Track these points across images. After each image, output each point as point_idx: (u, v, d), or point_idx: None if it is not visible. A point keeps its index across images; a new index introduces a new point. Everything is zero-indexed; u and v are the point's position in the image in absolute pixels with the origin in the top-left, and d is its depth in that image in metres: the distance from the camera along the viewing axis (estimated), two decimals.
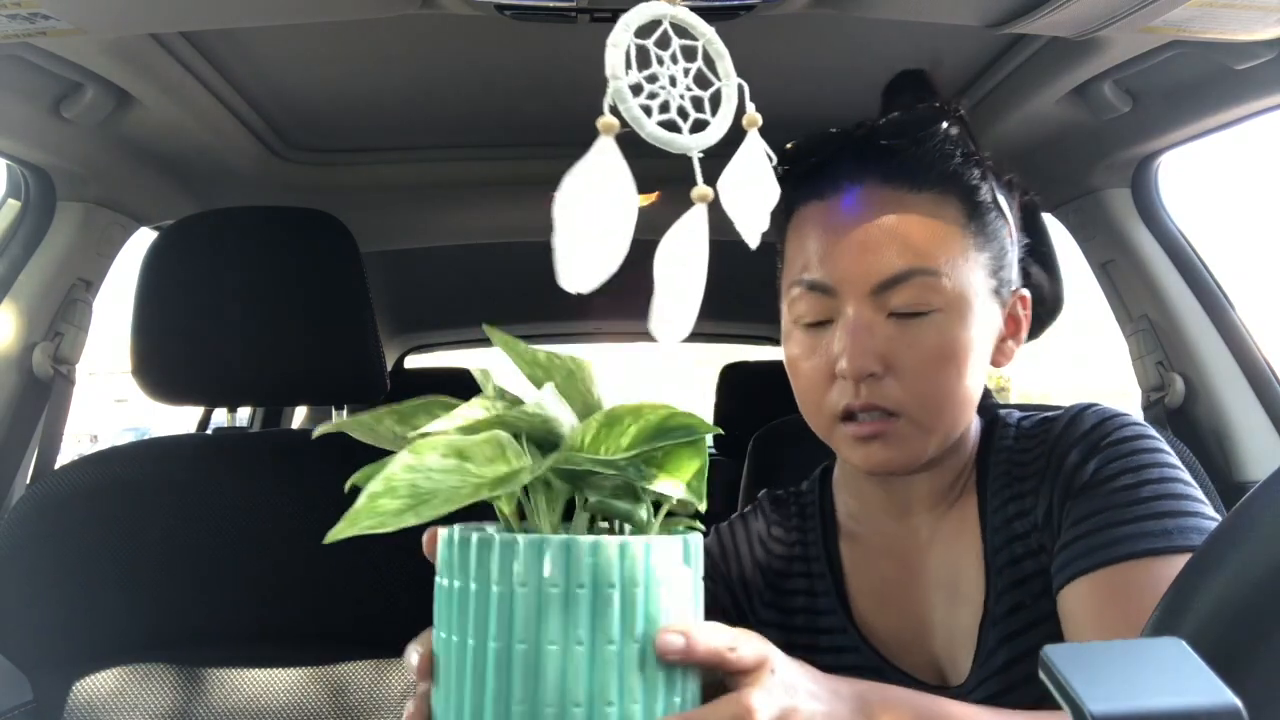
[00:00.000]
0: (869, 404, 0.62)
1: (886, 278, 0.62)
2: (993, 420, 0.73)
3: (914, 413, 0.62)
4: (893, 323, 0.62)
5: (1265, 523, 0.36)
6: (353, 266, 1.00)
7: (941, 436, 0.64)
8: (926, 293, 0.61)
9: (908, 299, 0.62)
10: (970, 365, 0.63)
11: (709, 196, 0.37)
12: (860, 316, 0.62)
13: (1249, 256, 45.66)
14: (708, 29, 0.38)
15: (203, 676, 0.91)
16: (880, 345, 0.61)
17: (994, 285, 0.65)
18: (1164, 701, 0.26)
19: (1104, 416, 0.65)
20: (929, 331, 0.62)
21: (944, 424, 0.64)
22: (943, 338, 0.62)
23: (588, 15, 0.78)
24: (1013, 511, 0.66)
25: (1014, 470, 0.68)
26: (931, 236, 0.63)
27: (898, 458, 0.63)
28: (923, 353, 0.61)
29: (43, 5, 0.69)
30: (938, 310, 0.62)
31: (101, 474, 0.96)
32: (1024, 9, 0.78)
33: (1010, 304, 0.68)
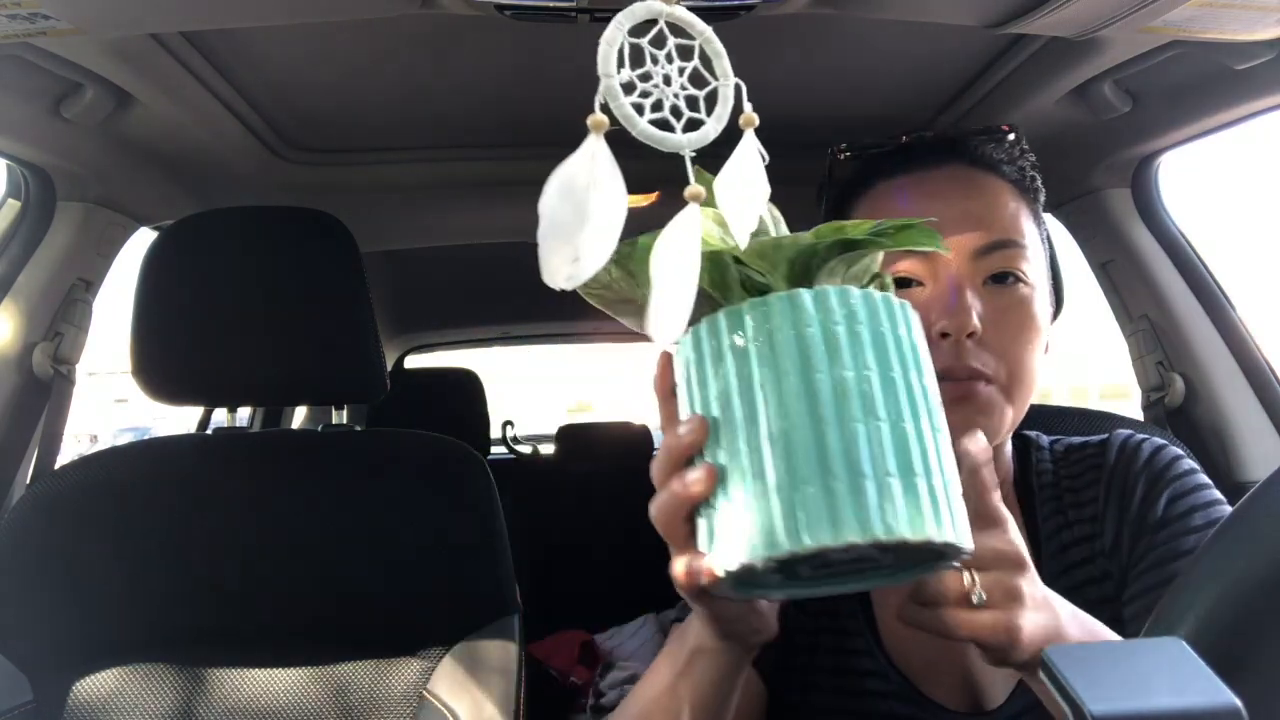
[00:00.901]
0: (968, 365, 0.63)
1: (987, 243, 0.65)
2: (1024, 440, 0.74)
3: (1003, 378, 0.64)
4: (986, 290, 0.65)
5: (1265, 523, 0.36)
6: (353, 266, 1.00)
7: (1018, 411, 0.66)
8: (1017, 260, 0.65)
9: (1002, 263, 0.65)
10: (1041, 342, 0.66)
11: (701, 196, 0.37)
12: (965, 277, 0.64)
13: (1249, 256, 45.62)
14: (705, 28, 0.38)
15: (203, 676, 0.91)
16: (979, 308, 0.63)
17: (1048, 277, 0.69)
18: (1164, 701, 0.26)
19: (1155, 448, 0.69)
20: (1017, 301, 0.65)
21: (1023, 396, 0.65)
22: (1027, 308, 0.65)
23: (588, 15, 0.78)
24: (1069, 538, 0.68)
25: (1065, 496, 0.70)
26: (1017, 215, 0.67)
27: (991, 427, 0.64)
28: (1014, 319, 0.64)
29: (43, 5, 0.69)
30: (1024, 282, 0.65)
31: (102, 474, 0.96)
32: (1024, 9, 0.78)
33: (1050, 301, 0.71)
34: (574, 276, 0.36)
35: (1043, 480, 0.71)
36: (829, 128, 1.35)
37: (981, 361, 0.63)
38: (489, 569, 0.97)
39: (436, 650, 0.93)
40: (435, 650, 0.93)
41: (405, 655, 0.93)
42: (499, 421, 2.77)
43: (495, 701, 0.90)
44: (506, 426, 2.85)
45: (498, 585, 0.97)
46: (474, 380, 2.53)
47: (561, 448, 2.82)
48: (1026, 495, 0.71)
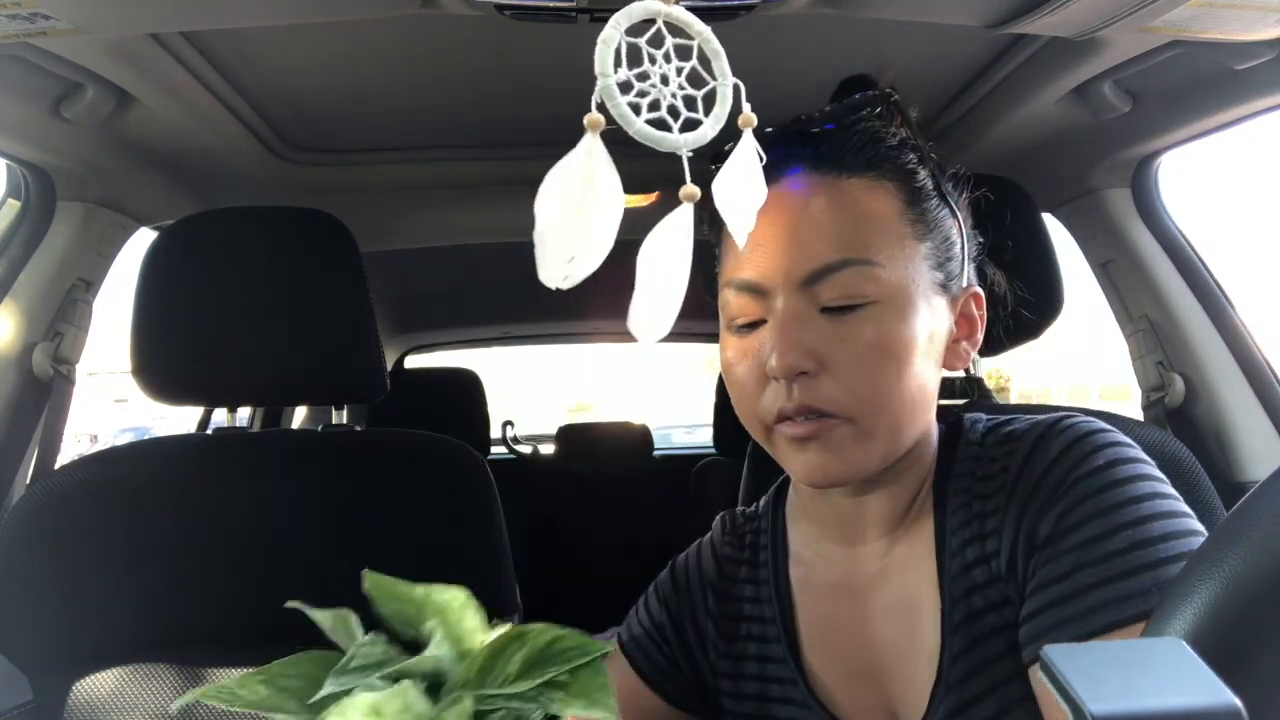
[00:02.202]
0: (802, 405, 0.57)
1: (816, 268, 0.58)
2: (955, 427, 0.67)
3: (852, 413, 0.57)
4: (826, 318, 0.58)
5: (1265, 523, 0.36)
6: (353, 266, 1.00)
7: (885, 443, 0.59)
8: (860, 283, 0.57)
9: (840, 291, 0.57)
10: (913, 363, 0.58)
11: (696, 196, 0.37)
12: (790, 311, 0.58)
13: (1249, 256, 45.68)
14: (704, 28, 0.38)
15: (203, 676, 0.91)
16: (812, 340, 0.57)
17: (939, 279, 0.61)
18: (1164, 701, 0.26)
19: (1071, 440, 0.58)
20: (864, 325, 0.57)
21: (886, 427, 0.58)
22: (879, 331, 0.57)
23: (588, 15, 0.78)
24: (972, 557, 0.60)
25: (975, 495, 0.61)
26: (863, 223, 0.59)
27: (838, 465, 0.59)
28: (858, 347, 0.57)
29: (43, 5, 0.69)
30: (873, 302, 0.57)
31: (101, 474, 0.96)
32: (1024, 9, 0.78)
33: (962, 303, 0.64)
34: (571, 276, 0.36)
35: (959, 483, 0.63)
36: None
37: (821, 399, 0.57)
38: (489, 569, 0.97)
39: None
40: None
41: None
42: (499, 421, 2.77)
43: None
44: (506, 426, 2.85)
45: (498, 585, 0.97)
46: (474, 380, 2.53)
47: (561, 448, 2.82)
48: (941, 496, 0.63)
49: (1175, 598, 0.37)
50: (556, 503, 2.66)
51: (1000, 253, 0.74)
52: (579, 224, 0.35)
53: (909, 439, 0.61)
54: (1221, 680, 0.27)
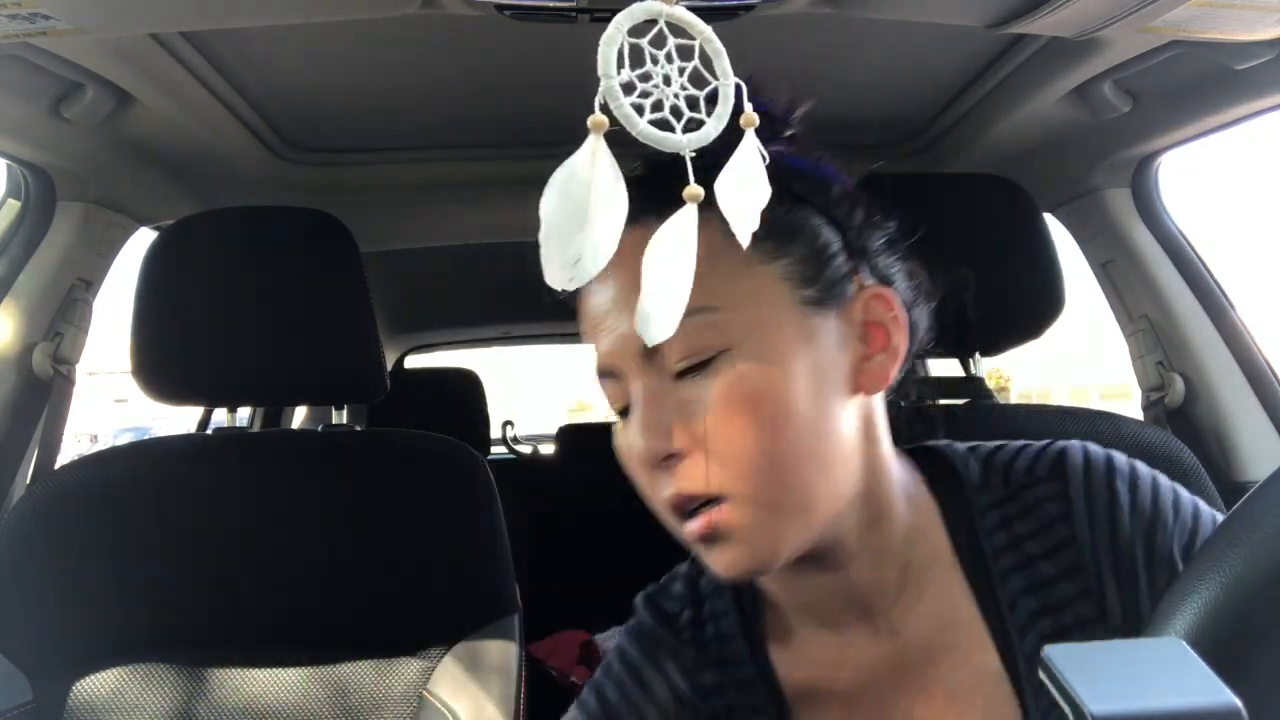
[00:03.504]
0: (680, 495, 0.49)
1: None
2: (943, 467, 0.58)
3: (737, 489, 0.49)
4: (683, 385, 0.50)
5: (1265, 523, 0.36)
6: (353, 266, 1.00)
7: (797, 512, 0.50)
8: (701, 335, 0.49)
9: (682, 350, 0.49)
10: (795, 409, 0.49)
11: (699, 196, 0.37)
12: (643, 390, 0.50)
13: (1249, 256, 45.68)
14: (705, 28, 0.38)
15: (203, 677, 0.91)
16: (670, 417, 0.49)
17: (812, 295, 0.52)
18: (1164, 701, 0.26)
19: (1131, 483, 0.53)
20: (720, 381, 0.49)
21: (786, 494, 0.49)
22: (738, 384, 0.48)
23: (588, 15, 0.78)
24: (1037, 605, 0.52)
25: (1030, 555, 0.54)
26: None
27: (747, 557, 0.50)
28: (720, 411, 0.48)
29: (43, 5, 0.69)
30: (724, 351, 0.49)
31: (101, 474, 0.96)
32: (1024, 9, 0.78)
33: (858, 311, 0.53)
34: (576, 277, 0.36)
35: (995, 542, 0.54)
36: (829, 128, 1.35)
37: (699, 481, 0.49)
38: (489, 569, 0.97)
39: (436, 650, 0.93)
40: (435, 650, 0.93)
41: (405, 655, 0.93)
42: (499, 421, 2.77)
43: (495, 701, 0.90)
44: (506, 426, 2.85)
45: (498, 585, 0.97)
46: (474, 380, 2.53)
47: (561, 448, 2.81)
48: (975, 564, 0.55)
49: (1175, 598, 0.37)
50: (556, 503, 2.66)
51: (1000, 253, 0.72)
52: (583, 225, 0.35)
53: (832, 498, 0.51)
54: (1221, 680, 0.27)
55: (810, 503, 0.50)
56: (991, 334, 1.04)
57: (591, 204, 0.35)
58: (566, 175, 0.35)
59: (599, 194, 0.35)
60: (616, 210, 0.36)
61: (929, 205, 1.09)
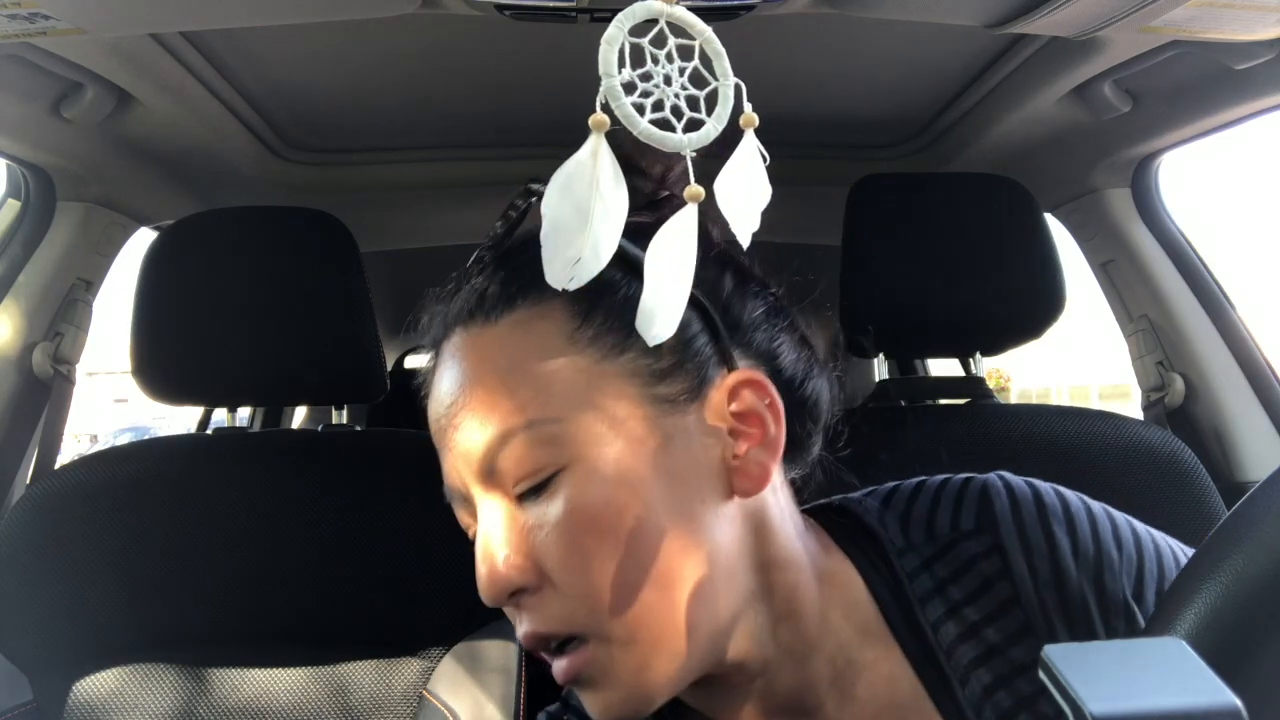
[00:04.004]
0: (536, 634, 0.44)
1: (479, 456, 0.44)
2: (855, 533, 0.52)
3: (596, 625, 0.43)
4: (527, 509, 0.44)
5: (1265, 523, 0.36)
6: (353, 266, 1.00)
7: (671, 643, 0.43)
8: (534, 452, 0.43)
9: (517, 470, 0.43)
10: (650, 527, 0.42)
11: (700, 196, 0.37)
12: (484, 515, 0.44)
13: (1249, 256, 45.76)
14: (705, 28, 0.38)
15: (203, 676, 0.91)
16: (514, 543, 0.43)
17: (661, 394, 0.45)
18: (1164, 701, 0.26)
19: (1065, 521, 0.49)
20: (560, 503, 0.43)
21: (649, 627, 0.43)
22: (580, 504, 0.42)
23: (588, 15, 0.78)
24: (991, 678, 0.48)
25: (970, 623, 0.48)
26: (512, 376, 0.44)
27: (628, 699, 0.43)
28: (561, 537, 0.42)
29: (43, 5, 0.69)
30: (563, 468, 0.43)
31: (101, 474, 0.96)
32: (1024, 9, 0.78)
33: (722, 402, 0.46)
34: (577, 277, 0.36)
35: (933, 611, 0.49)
36: (829, 128, 1.35)
37: (549, 619, 0.43)
38: None
39: (436, 650, 0.93)
40: (435, 650, 0.93)
41: (405, 655, 0.93)
42: None
43: (495, 701, 0.90)
44: None
45: None
46: None
47: None
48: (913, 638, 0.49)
49: (1175, 597, 0.37)
50: None
51: (1001, 252, 0.72)
52: (585, 225, 0.35)
53: (712, 619, 0.44)
54: (1221, 680, 0.27)
55: (688, 630, 0.43)
56: (991, 334, 1.04)
57: (593, 203, 0.35)
58: (568, 175, 0.35)
59: (600, 193, 0.35)
60: (618, 209, 0.36)
61: (929, 205, 1.09)
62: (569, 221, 0.35)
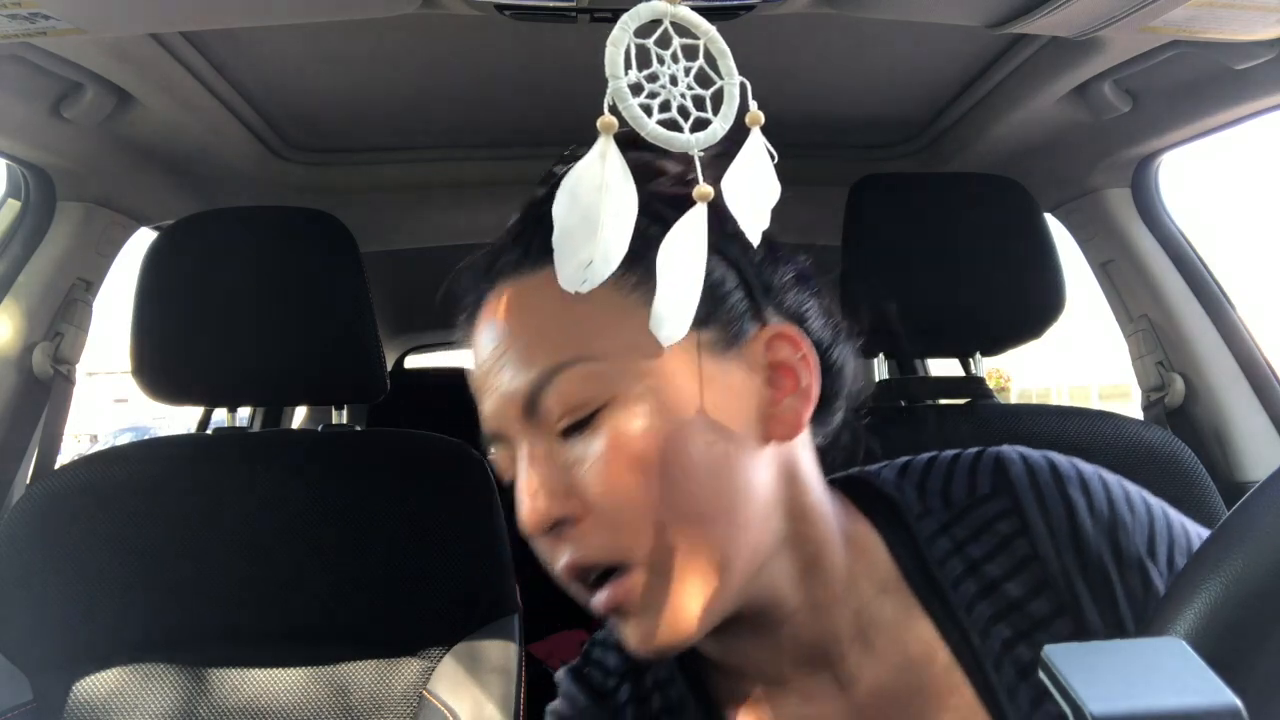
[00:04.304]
0: (577, 563, 0.45)
1: (524, 394, 0.46)
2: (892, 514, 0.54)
3: (640, 554, 0.44)
4: (570, 444, 0.46)
5: (1265, 523, 0.36)
6: (353, 266, 1.00)
7: (711, 575, 0.45)
8: (580, 388, 0.45)
9: (561, 406, 0.45)
10: (693, 462, 0.45)
11: (709, 195, 0.37)
12: (528, 450, 0.46)
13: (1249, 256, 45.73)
14: (710, 27, 0.38)
15: (203, 676, 0.91)
16: (555, 479, 0.45)
17: (703, 339, 0.47)
18: (1164, 701, 0.26)
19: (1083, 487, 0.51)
20: (605, 437, 0.44)
21: (694, 556, 0.45)
22: (625, 438, 0.44)
23: (588, 15, 0.78)
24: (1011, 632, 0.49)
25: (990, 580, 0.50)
26: (560, 316, 0.46)
27: (667, 629, 0.45)
28: (606, 468, 0.44)
29: (43, 5, 0.69)
30: (607, 404, 0.45)
31: (101, 474, 0.96)
32: (1024, 9, 0.78)
33: (760, 353, 0.49)
34: (589, 279, 0.36)
35: (951, 570, 0.50)
36: (829, 128, 1.36)
37: (590, 549, 0.45)
38: (489, 569, 0.97)
39: (436, 650, 0.93)
40: (435, 650, 0.94)
41: (405, 655, 0.93)
42: None
43: (495, 701, 0.90)
44: None
45: (497, 585, 0.97)
46: None
47: None
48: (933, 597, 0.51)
49: (1175, 597, 0.37)
50: None
51: (1001, 253, 0.72)
52: (595, 228, 0.35)
53: (750, 556, 0.47)
54: (1221, 680, 0.27)
55: (724, 564, 0.45)
56: (991, 334, 1.04)
57: (603, 206, 0.35)
58: (577, 178, 0.35)
59: (610, 195, 0.35)
60: (627, 211, 0.36)
61: (930, 205, 1.09)
62: (579, 225, 0.35)
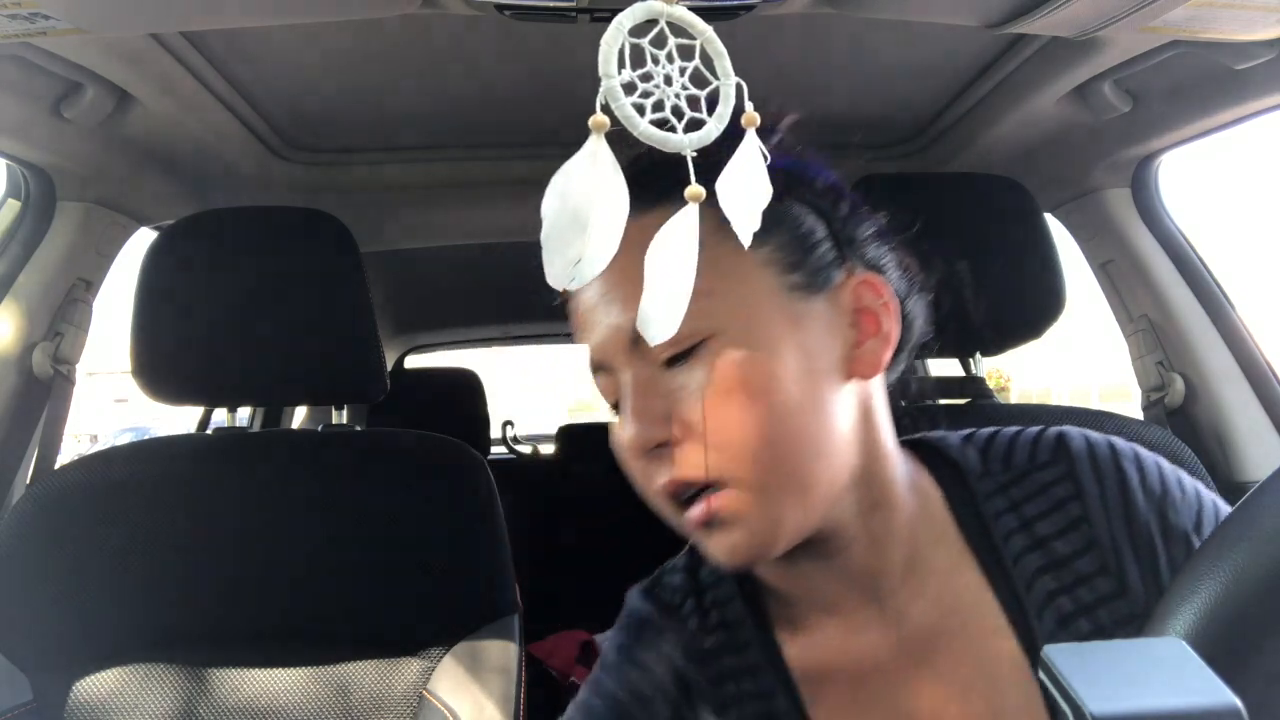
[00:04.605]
0: (675, 481, 0.50)
1: (631, 327, 0.50)
2: (938, 456, 0.59)
3: (732, 474, 0.49)
4: (673, 374, 0.50)
5: (1265, 523, 0.36)
6: (353, 266, 1.00)
7: (795, 496, 0.50)
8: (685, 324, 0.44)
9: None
10: (787, 391, 0.49)
11: (701, 196, 0.37)
12: (632, 378, 0.51)
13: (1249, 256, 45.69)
14: (706, 27, 0.38)
15: (203, 676, 0.91)
16: (660, 404, 0.50)
17: (798, 281, 0.52)
18: (1164, 701, 0.26)
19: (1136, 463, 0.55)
20: (708, 366, 0.49)
21: (782, 478, 0.49)
22: (726, 368, 0.49)
23: (588, 15, 0.78)
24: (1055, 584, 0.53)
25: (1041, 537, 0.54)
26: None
27: (747, 541, 0.50)
28: (710, 394, 0.49)
29: (42, 5, 0.69)
30: (711, 336, 0.49)
31: (101, 474, 0.96)
32: (1024, 9, 0.78)
33: (847, 298, 0.53)
34: (577, 278, 0.36)
35: (1004, 527, 0.55)
36: (829, 128, 1.35)
37: (693, 467, 0.49)
38: (489, 569, 0.97)
39: (436, 650, 0.93)
40: (435, 650, 0.94)
41: (405, 655, 0.93)
42: (499, 421, 2.77)
43: (495, 701, 0.90)
44: (506, 426, 2.85)
45: (498, 585, 0.97)
46: (474, 380, 2.53)
47: (562, 447, 2.81)
48: (985, 548, 0.55)
49: (1175, 597, 0.37)
50: (556, 503, 2.66)
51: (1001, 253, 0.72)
52: (585, 226, 0.35)
53: (830, 481, 0.52)
54: (1221, 680, 0.27)
55: (808, 486, 0.50)
56: (991, 334, 1.04)
57: (592, 205, 0.35)
58: (568, 176, 0.35)
59: (600, 195, 0.35)
60: (617, 211, 0.36)
61: (930, 205, 1.09)
62: (568, 223, 0.35)
